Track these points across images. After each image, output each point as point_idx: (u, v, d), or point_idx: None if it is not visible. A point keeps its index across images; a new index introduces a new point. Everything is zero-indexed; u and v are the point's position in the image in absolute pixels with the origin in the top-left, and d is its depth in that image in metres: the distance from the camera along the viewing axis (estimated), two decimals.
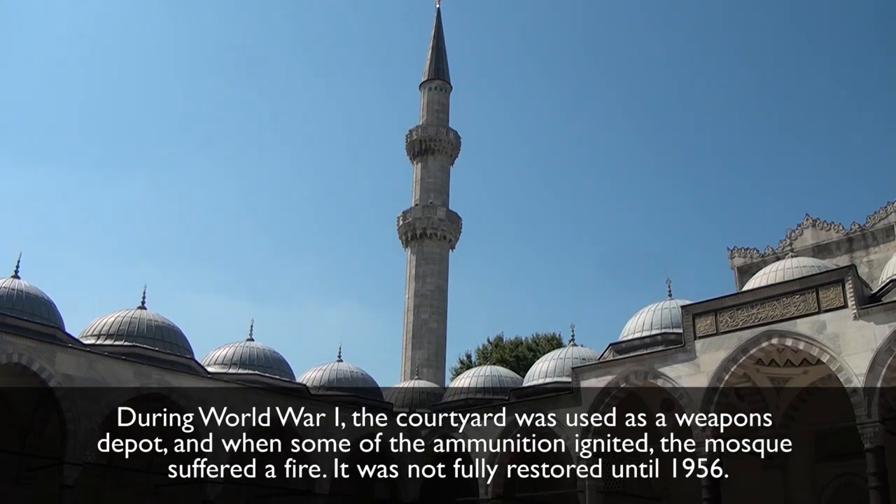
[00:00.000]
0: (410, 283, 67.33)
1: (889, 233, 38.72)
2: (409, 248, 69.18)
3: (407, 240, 69.20)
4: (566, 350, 41.67)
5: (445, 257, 68.89)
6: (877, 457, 26.72)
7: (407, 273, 68.77)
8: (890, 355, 26.84)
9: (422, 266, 67.11)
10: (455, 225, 69.97)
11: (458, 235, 70.89)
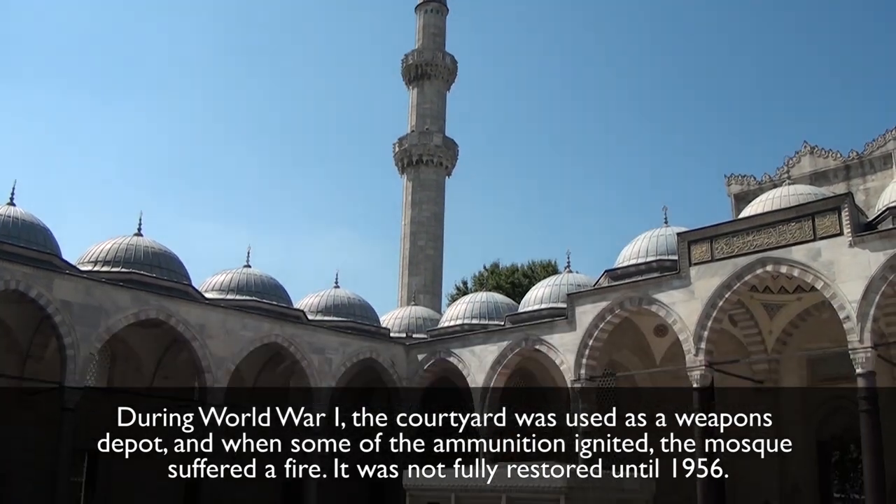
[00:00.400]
0: (406, 211, 67.26)
1: (887, 160, 38.54)
2: (405, 175, 68.90)
3: (403, 166, 68.87)
4: (562, 276, 41.88)
5: (442, 184, 68.67)
6: (868, 381, 27.10)
7: (403, 200, 68.63)
8: (884, 282, 27.00)
9: (418, 193, 66.93)
10: (451, 151, 69.54)
11: (455, 162, 70.53)
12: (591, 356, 34.62)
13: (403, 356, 42.75)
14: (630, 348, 37.88)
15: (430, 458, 41.37)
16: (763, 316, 34.48)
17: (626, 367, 37.88)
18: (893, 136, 38.42)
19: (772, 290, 33.58)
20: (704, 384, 30.90)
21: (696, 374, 30.83)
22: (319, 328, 40.09)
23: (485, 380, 38.58)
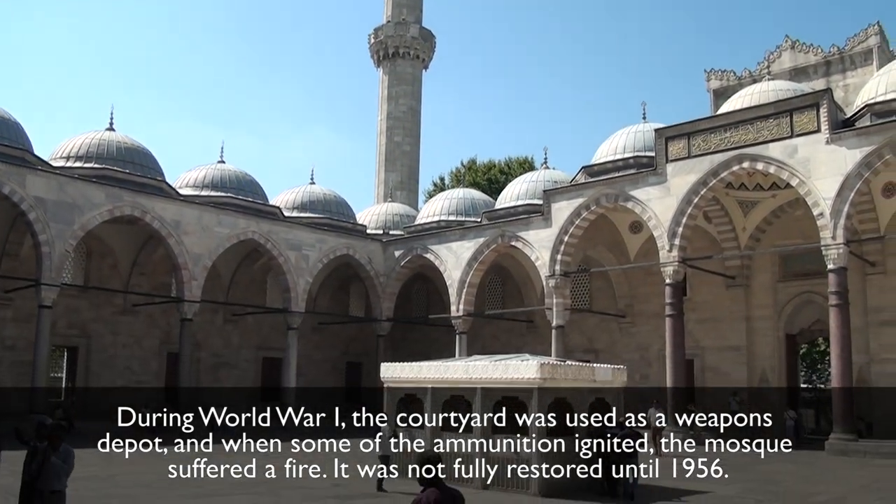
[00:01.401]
0: (383, 105, 66.34)
1: (867, 56, 38.24)
2: (381, 68, 67.68)
3: (379, 59, 67.57)
4: (538, 173, 41.86)
5: (418, 77, 67.61)
6: (839, 277, 27.61)
7: (379, 94, 67.60)
8: (859, 180, 27.20)
9: (394, 87, 65.90)
10: (428, 43, 68.21)
11: (432, 55, 69.27)
12: (566, 252, 34.96)
13: (380, 253, 42.97)
14: (605, 244, 38.21)
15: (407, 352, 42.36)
16: (737, 213, 34.77)
17: (601, 263, 38.31)
18: (875, 32, 38.00)
19: (747, 188, 33.77)
20: (677, 279, 31.38)
21: (669, 270, 31.24)
22: (296, 225, 40.02)
23: (461, 276, 38.99)
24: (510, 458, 16.14)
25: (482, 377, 16.72)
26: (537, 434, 15.72)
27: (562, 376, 16.41)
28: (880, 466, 22.87)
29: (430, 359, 20.20)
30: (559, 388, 16.42)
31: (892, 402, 30.63)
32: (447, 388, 17.49)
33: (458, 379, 17.19)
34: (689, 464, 22.49)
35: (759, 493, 16.92)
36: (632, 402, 31.29)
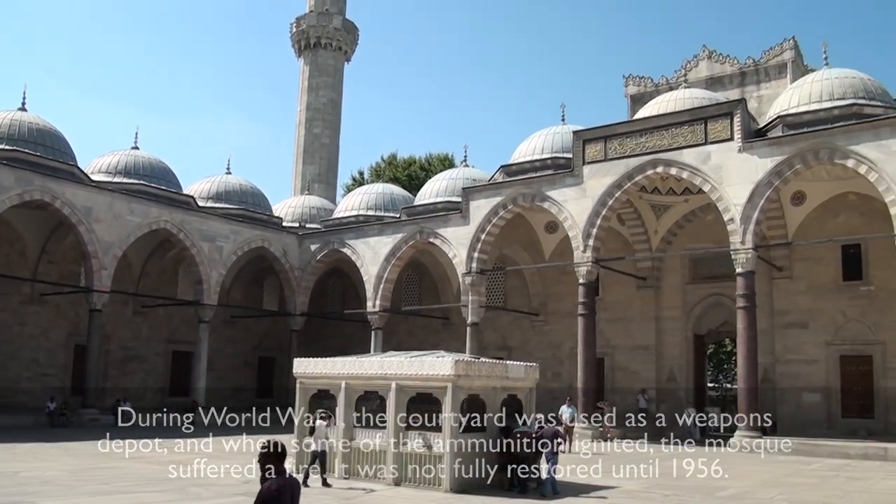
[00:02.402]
0: (303, 96, 65.60)
1: (781, 70, 39.39)
2: (302, 58, 66.92)
3: (300, 49, 66.79)
4: (458, 170, 41.99)
5: (340, 69, 67.09)
6: (747, 280, 28.49)
7: (299, 85, 66.83)
8: (769, 188, 28.08)
9: (315, 78, 65.23)
10: (351, 36, 67.77)
11: (355, 47, 68.85)
12: (482, 250, 35.17)
13: (296, 246, 42.51)
14: (521, 243, 38.59)
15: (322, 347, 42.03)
16: (650, 216, 35.53)
17: (516, 262, 38.67)
18: (790, 46, 39.17)
19: (660, 192, 34.53)
20: (590, 279, 31.88)
21: (582, 270, 31.72)
22: (210, 215, 39.24)
23: (378, 271, 38.86)
24: (423, 455, 16.13)
25: (397, 373, 16.66)
26: (450, 431, 15.74)
27: (476, 373, 16.47)
28: (783, 463, 23.65)
29: (344, 354, 20.10)
30: (473, 385, 16.47)
31: (795, 400, 31.84)
32: (361, 384, 17.37)
33: (373, 375, 17.09)
34: (598, 459, 22.98)
35: (666, 488, 17.27)
36: (544, 399, 31.78)
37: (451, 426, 15.76)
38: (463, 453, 16.00)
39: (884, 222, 27.43)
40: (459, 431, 15.96)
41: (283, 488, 6.19)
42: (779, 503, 15.58)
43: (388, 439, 16.53)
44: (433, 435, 16.04)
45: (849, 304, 31.42)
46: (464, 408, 16.33)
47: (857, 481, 19.43)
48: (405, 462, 16.36)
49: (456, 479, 15.69)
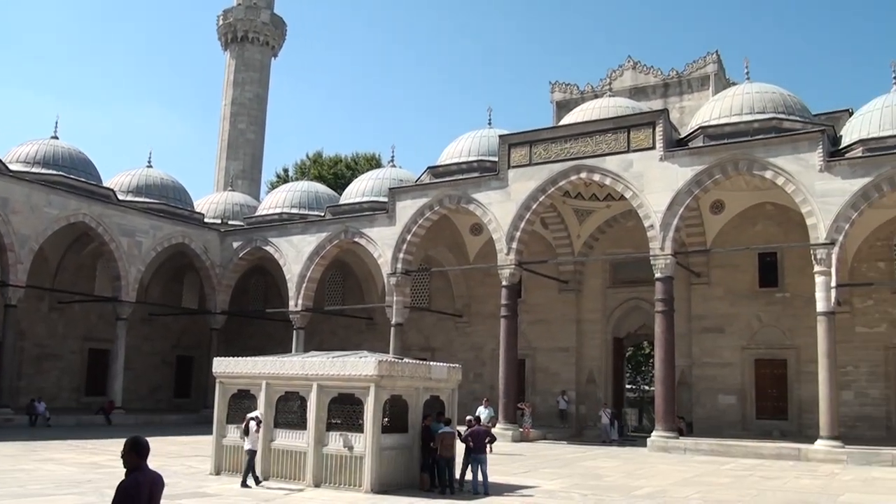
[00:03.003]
0: (228, 90, 64.63)
1: (704, 82, 40.37)
2: (228, 52, 65.93)
3: (226, 42, 65.80)
4: (385, 170, 41.85)
5: (267, 65, 66.30)
6: (666, 285, 29.13)
7: (225, 79, 65.84)
8: (689, 196, 28.77)
9: (241, 72, 64.34)
10: (279, 31, 67.01)
11: (282, 42, 68.10)
12: (408, 251, 35.18)
13: (217, 243, 41.84)
14: (446, 245, 38.73)
15: (242, 347, 41.48)
16: (573, 220, 36.04)
17: (441, 263, 38.78)
18: (713, 60, 40.16)
19: (583, 197, 35.07)
20: (513, 282, 32.17)
21: (506, 273, 31.98)
22: (130, 209, 38.23)
23: (301, 270, 38.50)
24: (344, 456, 16.03)
25: (318, 373, 16.51)
26: (372, 431, 15.69)
27: (399, 374, 16.43)
28: (699, 462, 24.24)
29: (266, 354, 19.83)
30: (396, 385, 16.44)
31: (711, 402, 32.71)
32: (282, 385, 17.18)
33: (294, 375, 16.91)
34: (517, 459, 23.20)
35: (584, 488, 17.51)
36: (466, 400, 31.99)
37: (372, 427, 15.71)
38: (385, 454, 15.96)
39: (800, 232, 28.40)
40: (381, 432, 15.92)
41: (141, 484, 6.05)
42: (694, 502, 15.92)
43: (309, 440, 16.38)
44: (355, 436, 15.95)
45: (764, 309, 32.43)
46: (386, 408, 16.31)
47: (770, 480, 20.01)
48: (326, 463, 16.23)
49: (377, 480, 15.64)
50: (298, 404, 16.90)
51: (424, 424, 16.64)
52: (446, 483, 16.25)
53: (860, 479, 20.50)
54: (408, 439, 16.62)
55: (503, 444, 27.35)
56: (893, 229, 30.57)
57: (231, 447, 17.80)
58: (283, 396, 17.19)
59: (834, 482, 19.87)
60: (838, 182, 26.39)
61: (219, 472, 17.83)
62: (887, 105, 28.54)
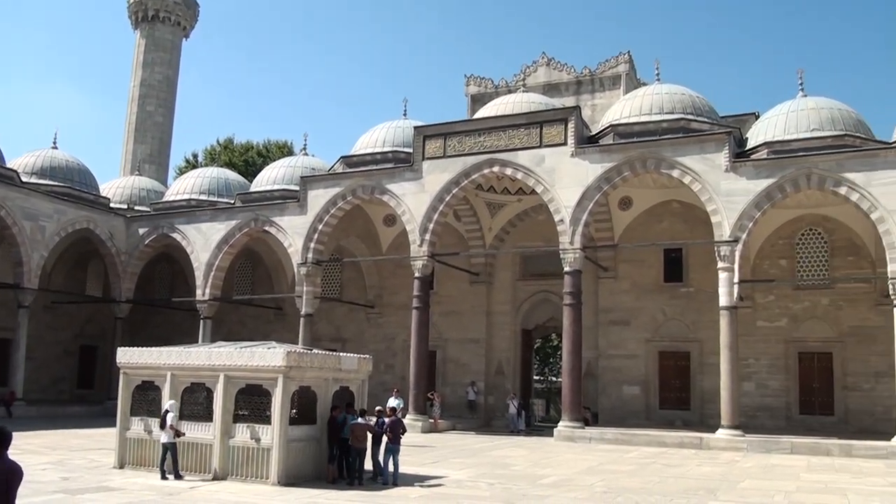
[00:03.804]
0: (137, 71, 62.94)
1: (615, 81, 41.10)
2: (138, 31, 64.18)
3: (137, 21, 64.02)
4: (297, 158, 41.32)
5: (178, 45, 64.80)
6: (574, 279, 29.69)
7: (134, 59, 64.08)
8: (598, 192, 29.37)
9: (151, 53, 62.72)
10: (192, 11, 65.52)
11: (195, 23, 66.64)
12: (319, 241, 34.91)
13: (124, 229, 40.70)
14: (358, 235, 38.59)
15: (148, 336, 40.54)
16: (485, 213, 36.36)
17: (353, 254, 38.61)
18: (625, 60, 40.92)
19: (496, 190, 35.42)
20: (425, 273, 32.30)
21: (418, 264, 32.08)
22: (34, 192, 36.79)
23: (209, 258, 37.76)
24: (251, 448, 15.86)
25: (226, 364, 16.27)
26: (280, 423, 15.56)
27: (308, 365, 16.31)
28: (604, 451, 24.81)
29: (172, 344, 19.43)
30: (305, 376, 16.32)
31: (616, 393, 33.55)
32: (188, 376, 16.86)
33: (200, 366, 16.61)
34: (426, 450, 23.32)
35: (491, 477, 17.72)
36: (377, 391, 32.02)
37: (280, 418, 15.58)
38: (292, 446, 15.85)
39: (704, 229, 29.29)
40: (289, 424, 15.80)
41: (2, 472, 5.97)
42: (598, 489, 16.27)
43: (216, 432, 16.16)
44: (262, 427, 15.80)
45: (669, 303, 33.38)
46: (294, 400, 16.18)
47: (673, 468, 20.63)
48: (233, 455, 16.03)
49: (284, 473, 15.53)
50: (205, 396, 16.63)
51: (332, 415, 16.58)
52: (355, 475, 16.24)
53: (760, 466, 21.35)
54: (316, 431, 16.55)
55: (413, 434, 27.47)
56: (795, 229, 31.89)
57: (135, 440, 17.43)
58: (189, 388, 16.88)
59: (734, 469, 20.62)
60: (743, 182, 27.38)
61: (122, 466, 17.43)
62: (793, 110, 29.60)
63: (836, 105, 29.44)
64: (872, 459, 23.60)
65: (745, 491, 16.61)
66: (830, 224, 31.32)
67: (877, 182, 25.74)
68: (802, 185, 27.00)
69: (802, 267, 31.94)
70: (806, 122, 28.87)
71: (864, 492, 16.80)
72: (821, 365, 31.26)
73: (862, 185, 25.90)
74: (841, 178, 26.27)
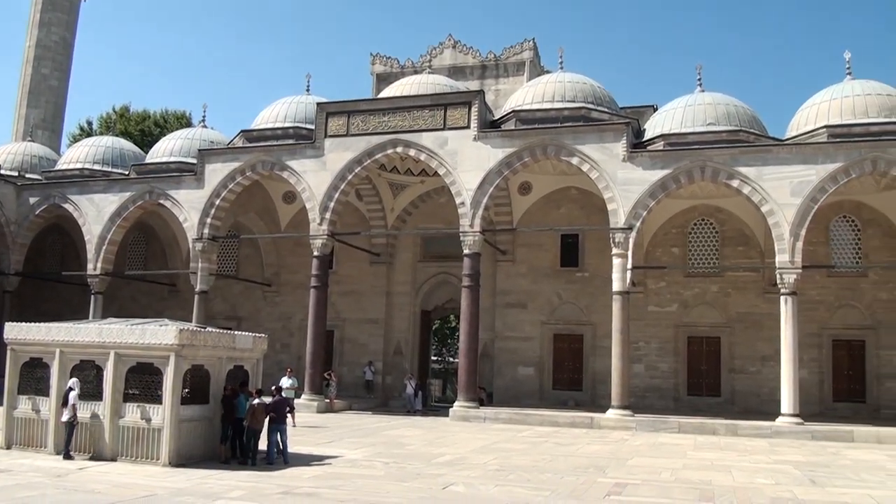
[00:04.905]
0: (32, 31, 60.05)
1: (519, 67, 41.48)
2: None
3: None
4: (195, 130, 40.22)
5: (76, 6, 62.07)
6: (473, 261, 30.05)
7: (30, 18, 61.04)
8: (499, 176, 29.73)
9: (48, 12, 59.92)
10: None
11: None
12: (216, 216, 34.21)
13: (13, 197, 38.95)
14: (257, 212, 38.04)
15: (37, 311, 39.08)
16: (387, 194, 36.34)
17: (251, 231, 38.01)
18: (530, 47, 41.29)
19: (399, 171, 35.43)
20: (325, 252, 32.12)
21: (318, 243, 31.86)
22: None
23: (102, 231, 36.51)
24: (142, 428, 15.56)
25: (116, 341, 15.90)
26: (171, 403, 15.31)
27: (201, 343, 16.08)
28: (498, 430, 25.30)
29: (62, 320, 18.84)
30: (198, 355, 16.09)
31: (511, 374, 34.25)
32: (77, 353, 16.40)
33: (90, 343, 16.19)
34: (321, 430, 23.30)
35: (386, 457, 17.86)
36: (272, 370, 31.80)
37: (172, 398, 15.33)
38: (184, 426, 15.63)
39: (601, 216, 30.10)
40: (181, 403, 15.56)
41: None
42: (492, 468, 16.58)
43: (105, 411, 15.79)
44: (153, 407, 15.51)
45: (564, 287, 34.15)
46: (187, 378, 15.93)
47: (564, 446, 21.21)
48: (123, 436, 15.71)
49: (176, 453, 15.31)
50: (95, 374, 16.22)
51: (225, 395, 16.41)
52: (248, 454, 16.13)
53: (648, 445, 22.19)
54: (208, 410, 16.37)
55: (308, 415, 27.43)
56: (688, 218, 33.07)
57: (23, 419, 16.93)
58: (79, 366, 16.43)
59: (623, 447, 21.38)
60: (639, 172, 28.21)
61: (9, 446, 16.88)
62: (690, 104, 30.52)
63: (732, 101, 30.52)
64: (757, 438, 24.92)
65: (634, 468, 17.22)
66: (722, 215, 32.59)
67: (768, 176, 26.95)
68: (697, 177, 28.00)
69: (694, 255, 33.14)
70: (702, 116, 29.84)
71: (749, 469, 17.66)
72: (709, 349, 32.65)
73: (754, 179, 27.09)
74: (734, 171, 27.39)
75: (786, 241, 26.56)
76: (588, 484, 14.71)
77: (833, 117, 28.54)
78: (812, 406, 29.91)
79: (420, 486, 14.03)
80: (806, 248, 27.12)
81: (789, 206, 26.62)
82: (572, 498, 13.24)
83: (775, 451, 21.59)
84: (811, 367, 30.84)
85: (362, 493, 13.15)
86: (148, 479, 13.78)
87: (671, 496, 13.65)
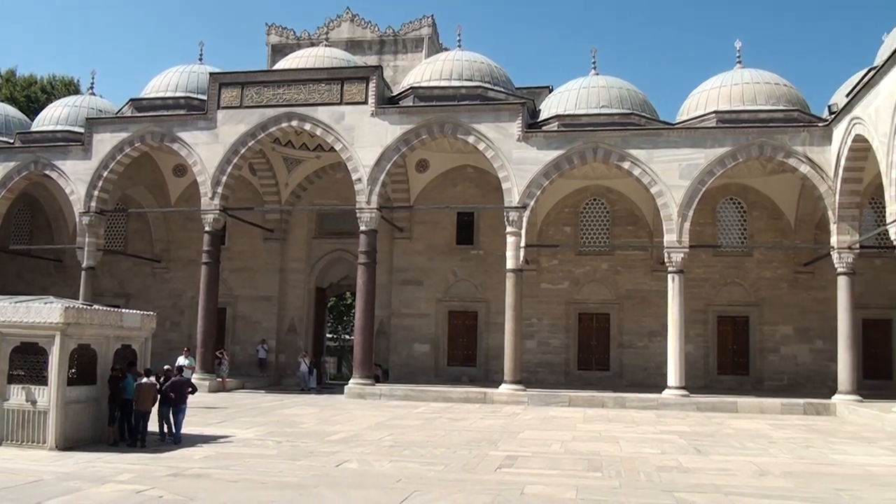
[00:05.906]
0: None
1: (418, 44, 41.30)
2: None
3: None
4: (83, 98, 38.52)
5: None
6: (369, 238, 30.01)
7: None
8: (396, 153, 29.72)
9: None
10: None
11: None
12: (104, 188, 33.03)
13: None
14: (146, 185, 36.85)
15: None
16: (282, 169, 35.84)
17: (140, 204, 36.87)
18: (428, 24, 41.09)
19: (294, 146, 34.97)
20: (217, 228, 31.51)
21: (209, 218, 31.22)
22: None
23: None
24: (27, 411, 14.99)
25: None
26: (57, 384, 14.81)
27: (88, 322, 15.55)
28: (393, 407, 25.47)
29: None
30: (84, 334, 15.57)
31: (407, 350, 34.53)
32: None
33: None
34: (213, 410, 22.97)
35: (279, 436, 17.73)
36: (162, 350, 31.13)
37: (58, 379, 14.83)
38: (71, 408, 15.13)
39: (496, 195, 30.48)
40: (67, 384, 15.07)
41: None
42: (386, 444, 16.66)
43: None
44: (38, 389, 14.97)
45: (460, 265, 34.51)
46: (74, 359, 15.42)
47: (457, 422, 21.52)
48: (7, 419, 15.06)
49: (62, 436, 14.81)
50: None
51: (113, 375, 15.97)
52: (138, 436, 15.76)
53: (539, 418, 22.77)
54: (96, 391, 15.88)
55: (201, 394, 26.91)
56: (580, 198, 33.87)
57: None
58: None
59: (515, 421, 21.87)
60: (534, 152, 28.66)
61: None
62: (584, 87, 31.09)
63: (625, 85, 31.28)
64: (644, 410, 25.90)
65: (525, 441, 17.62)
66: (613, 195, 33.47)
67: (658, 159, 27.83)
68: (589, 158, 28.64)
69: (585, 234, 33.98)
70: (596, 98, 30.49)
71: (636, 439, 18.30)
72: (599, 325, 33.64)
73: (644, 161, 27.92)
74: (625, 153, 28.15)
75: (674, 222, 27.51)
76: (480, 458, 14.96)
77: (723, 103, 29.54)
78: (698, 379, 31.29)
79: (313, 464, 13.99)
80: (693, 228, 28.22)
81: (678, 188, 27.57)
82: (465, 471, 13.44)
83: (662, 422, 22.45)
84: (697, 342, 32.17)
85: (254, 472, 13.03)
86: (34, 464, 13.31)
87: (560, 467, 14.00)
